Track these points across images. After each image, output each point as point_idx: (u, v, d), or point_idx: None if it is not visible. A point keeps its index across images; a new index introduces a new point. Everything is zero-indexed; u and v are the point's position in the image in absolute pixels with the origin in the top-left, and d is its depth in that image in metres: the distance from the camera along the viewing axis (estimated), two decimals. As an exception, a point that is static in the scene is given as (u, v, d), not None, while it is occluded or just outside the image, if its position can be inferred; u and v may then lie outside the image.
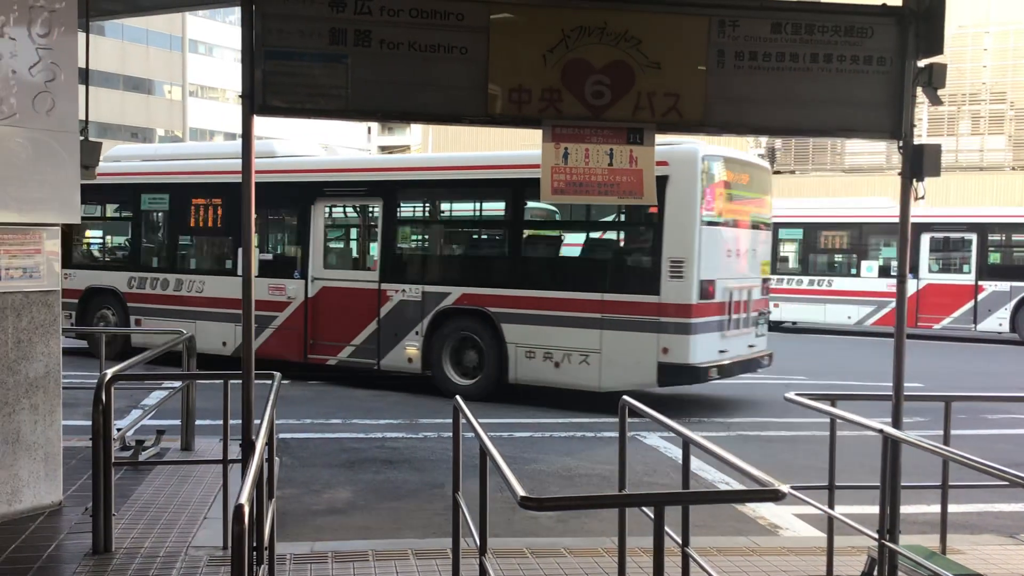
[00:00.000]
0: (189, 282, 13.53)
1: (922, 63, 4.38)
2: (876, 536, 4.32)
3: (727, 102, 4.36)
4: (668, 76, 4.26)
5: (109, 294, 14.23)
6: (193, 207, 13.67)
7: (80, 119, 5.96)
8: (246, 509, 2.72)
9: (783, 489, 2.81)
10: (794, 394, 4.95)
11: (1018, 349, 19.32)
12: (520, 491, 2.78)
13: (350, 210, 13.39)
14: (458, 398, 4.30)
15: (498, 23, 4.18)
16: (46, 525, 5.48)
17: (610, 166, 4.30)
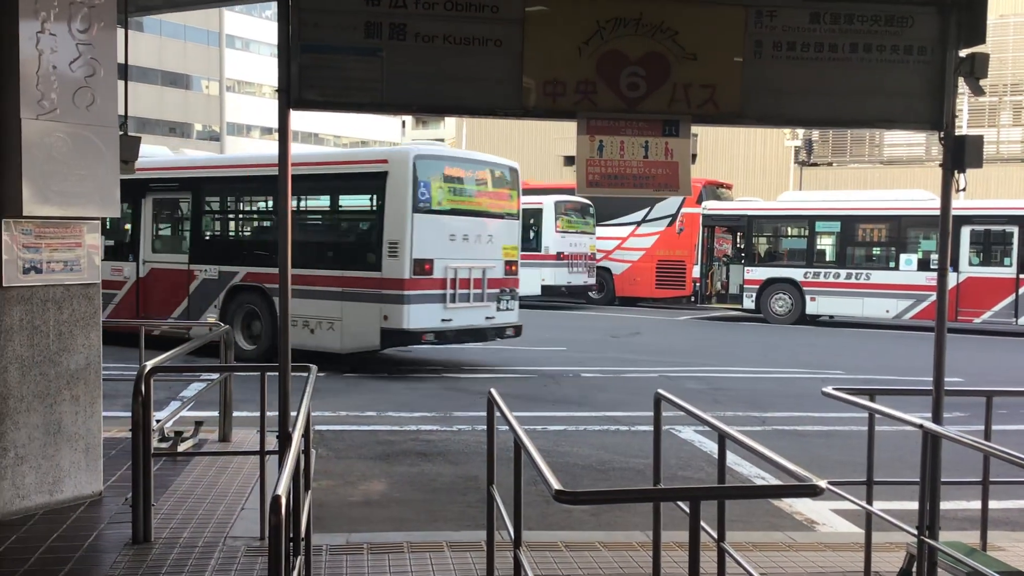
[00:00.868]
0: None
1: (963, 53, 4.31)
2: (915, 532, 4.26)
3: (765, 93, 4.32)
4: (705, 67, 4.23)
5: None
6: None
7: (119, 114, 6.03)
8: (283, 500, 2.73)
9: (821, 484, 2.77)
10: (832, 389, 4.89)
11: (1061, 344, 19.00)
12: (555, 484, 2.77)
13: (169, 203, 15.42)
14: (492, 391, 4.29)
15: (533, 15, 4.16)
16: (87, 515, 5.56)
17: (645, 158, 4.27)
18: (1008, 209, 20.79)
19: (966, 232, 20.50)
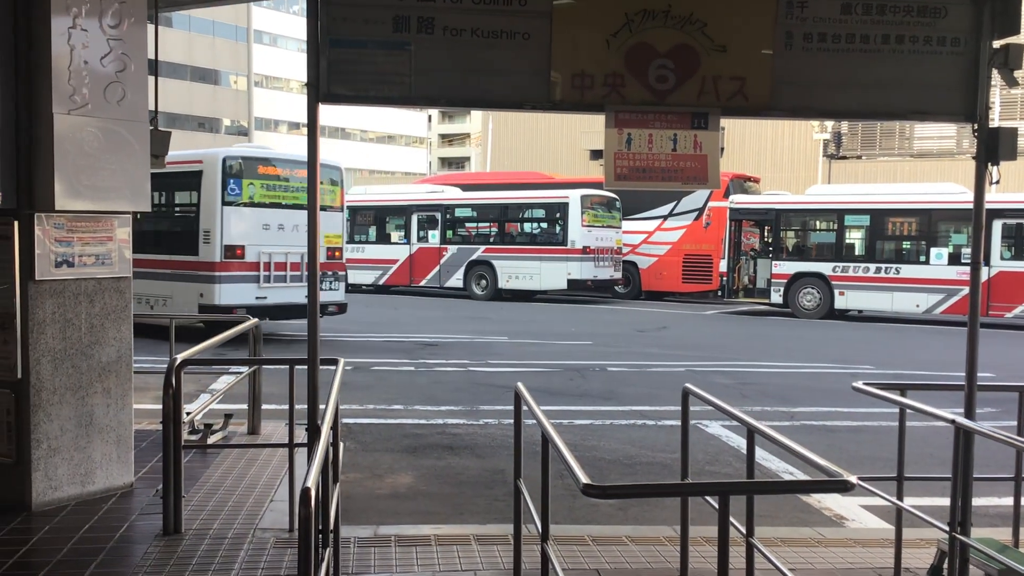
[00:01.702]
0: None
1: (997, 44, 4.25)
2: (947, 528, 4.22)
3: (795, 85, 4.28)
4: (734, 59, 4.20)
5: None
6: None
7: (150, 109, 6.07)
8: (312, 493, 2.75)
9: (852, 480, 2.75)
10: (862, 383, 4.86)
11: (1095, 339, 18.73)
12: (583, 478, 2.76)
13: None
14: (519, 384, 4.29)
15: (561, 8, 4.15)
16: (118, 506, 5.62)
17: (674, 151, 4.25)
18: (1041, 203, 20.49)
19: (997, 226, 20.23)
